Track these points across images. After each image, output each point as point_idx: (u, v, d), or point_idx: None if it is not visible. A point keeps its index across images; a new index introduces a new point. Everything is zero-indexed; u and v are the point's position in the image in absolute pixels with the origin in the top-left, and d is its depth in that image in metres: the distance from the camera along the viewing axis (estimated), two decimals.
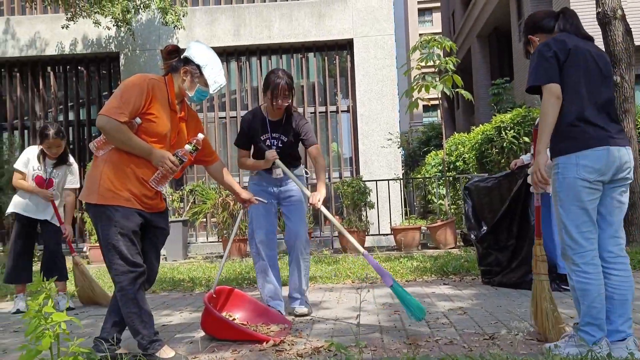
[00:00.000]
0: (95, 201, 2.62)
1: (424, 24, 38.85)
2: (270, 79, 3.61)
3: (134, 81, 2.67)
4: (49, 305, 1.75)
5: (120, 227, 2.60)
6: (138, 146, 2.63)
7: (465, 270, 5.44)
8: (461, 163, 9.99)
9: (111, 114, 2.56)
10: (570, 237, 2.51)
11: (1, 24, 10.41)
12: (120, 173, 2.64)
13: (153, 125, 2.67)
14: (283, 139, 3.73)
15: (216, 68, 2.83)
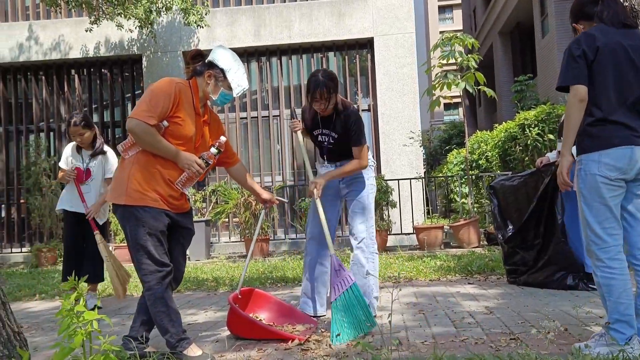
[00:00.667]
0: (124, 202, 2.66)
1: (444, 22, 38.54)
2: (309, 81, 3.52)
3: (162, 85, 2.72)
4: (80, 304, 1.78)
5: (148, 227, 2.64)
6: (165, 148, 2.67)
7: (490, 269, 5.38)
8: (484, 161, 9.88)
9: (140, 117, 2.61)
10: (594, 233, 2.52)
11: (26, 28, 10.62)
12: (148, 174, 2.68)
13: (179, 128, 2.72)
14: (333, 135, 3.64)
15: (239, 72, 2.87)
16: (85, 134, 4.51)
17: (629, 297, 2.45)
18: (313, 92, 3.44)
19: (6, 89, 11.03)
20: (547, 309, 3.60)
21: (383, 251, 7.79)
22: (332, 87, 3.45)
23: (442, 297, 4.24)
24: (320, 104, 3.48)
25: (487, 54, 20.19)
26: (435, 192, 11.52)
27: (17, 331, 1.96)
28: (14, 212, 10.73)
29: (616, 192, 2.49)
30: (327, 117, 3.63)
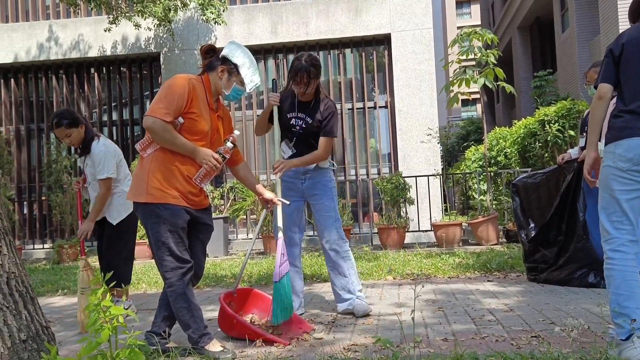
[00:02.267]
0: (144, 200, 2.69)
1: (462, 17, 38.20)
2: (293, 63, 3.56)
3: (176, 82, 2.74)
4: (107, 299, 1.81)
5: (169, 225, 2.67)
6: (182, 144, 2.69)
7: (509, 266, 5.34)
8: (503, 158, 9.80)
9: (157, 114, 2.63)
10: (602, 224, 2.57)
11: (46, 28, 10.77)
12: (167, 172, 2.71)
13: (195, 124, 2.74)
14: (308, 120, 3.66)
15: (252, 67, 2.89)
16: (71, 133, 3.86)
17: (629, 288, 2.43)
18: (294, 76, 3.52)
19: (27, 87, 11.20)
20: (568, 307, 3.57)
21: (401, 248, 7.78)
22: (313, 73, 3.51)
23: (461, 295, 4.22)
24: (300, 87, 3.54)
25: (506, 50, 19.97)
26: (453, 189, 11.46)
27: (45, 325, 2.00)
28: (35, 209, 10.90)
29: (629, 186, 2.47)
30: (306, 102, 3.67)
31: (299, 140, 3.69)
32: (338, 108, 10.29)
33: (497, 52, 7.50)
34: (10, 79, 11.11)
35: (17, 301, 1.92)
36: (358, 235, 9.22)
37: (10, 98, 11.12)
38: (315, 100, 3.66)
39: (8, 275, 1.93)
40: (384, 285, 4.89)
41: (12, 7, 11.30)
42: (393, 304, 4.02)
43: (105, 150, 3.94)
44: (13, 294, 1.91)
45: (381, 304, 4.05)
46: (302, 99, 3.66)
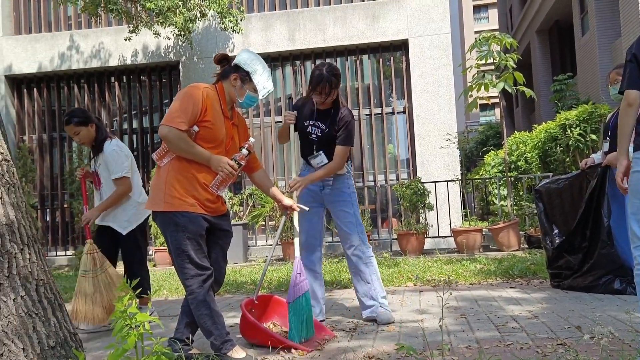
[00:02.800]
0: (163, 209, 2.71)
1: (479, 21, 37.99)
2: (314, 73, 3.58)
3: (190, 91, 2.76)
4: (133, 306, 1.82)
5: (188, 232, 2.69)
6: (198, 153, 2.72)
7: (532, 273, 5.27)
8: (523, 162, 9.69)
9: (172, 123, 2.65)
10: (633, 230, 2.55)
11: (68, 37, 10.97)
12: (184, 180, 2.72)
13: (210, 132, 2.76)
14: (324, 129, 3.69)
15: (265, 74, 2.91)
16: (80, 131, 3.88)
17: None
18: (315, 85, 3.54)
19: (50, 97, 11.41)
20: (594, 314, 3.51)
21: (421, 254, 7.73)
22: (334, 83, 3.55)
23: (484, 301, 4.18)
24: (321, 97, 3.57)
25: (524, 53, 19.80)
26: (472, 194, 11.36)
27: (73, 332, 2.02)
28: (58, 216, 11.07)
29: None
30: (324, 111, 3.69)
31: (316, 148, 3.72)
32: (355, 114, 10.36)
33: (516, 56, 7.44)
34: (33, 89, 11.33)
35: (45, 308, 1.95)
36: (377, 241, 9.19)
37: (34, 107, 11.33)
38: (334, 109, 3.68)
39: (37, 282, 1.96)
40: (404, 292, 4.86)
41: (35, 18, 11.54)
42: (415, 310, 4.00)
43: (118, 149, 3.93)
44: (42, 301, 1.94)
45: (403, 310, 4.02)
46: (321, 108, 3.68)
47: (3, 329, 1.85)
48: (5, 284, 1.89)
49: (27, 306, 1.90)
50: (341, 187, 3.75)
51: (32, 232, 2.04)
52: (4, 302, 1.87)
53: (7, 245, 1.93)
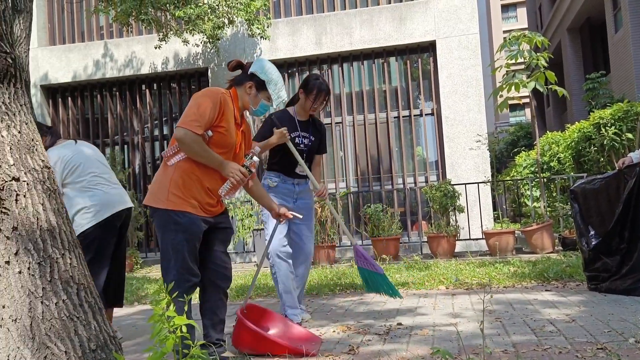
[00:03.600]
0: (164, 206, 2.68)
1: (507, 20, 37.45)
2: (314, 83, 3.75)
3: (207, 94, 2.76)
4: (171, 309, 1.85)
5: (187, 233, 2.67)
6: (212, 157, 2.71)
7: (567, 275, 5.16)
8: (556, 163, 9.50)
9: (189, 126, 2.65)
10: None
11: (101, 47, 11.23)
12: (189, 181, 2.71)
13: (223, 137, 2.76)
14: (311, 138, 3.88)
15: (279, 84, 2.94)
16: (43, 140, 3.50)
17: None
18: (318, 94, 3.75)
19: (84, 105, 11.69)
20: (635, 317, 3.41)
21: (452, 257, 7.64)
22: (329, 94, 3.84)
23: (519, 304, 4.10)
24: (319, 106, 3.81)
25: (555, 52, 19.43)
26: (503, 196, 11.18)
27: (112, 335, 2.07)
28: None
29: None
30: (304, 121, 3.89)
31: (306, 157, 3.84)
32: (383, 117, 10.32)
33: (547, 54, 7.31)
34: (67, 97, 11.63)
35: (86, 311, 1.99)
36: (407, 244, 9.12)
37: (68, 115, 11.63)
38: (311, 119, 3.93)
39: (78, 286, 2.01)
40: (437, 295, 4.81)
41: (68, 29, 11.85)
42: (448, 314, 3.95)
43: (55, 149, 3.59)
44: (83, 305, 1.99)
45: (436, 314, 3.98)
46: (301, 118, 3.87)
47: (46, 332, 1.89)
48: (48, 288, 1.94)
49: (69, 310, 1.95)
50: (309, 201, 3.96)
51: (72, 237, 2.09)
52: (47, 305, 1.92)
53: (49, 250, 1.98)
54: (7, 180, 1.96)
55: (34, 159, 2.07)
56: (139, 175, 11.23)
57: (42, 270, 1.95)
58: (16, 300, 1.91)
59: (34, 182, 2.02)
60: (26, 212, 1.97)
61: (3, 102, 2.05)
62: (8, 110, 2.05)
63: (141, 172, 11.27)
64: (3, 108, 2.04)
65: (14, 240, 1.94)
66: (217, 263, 2.85)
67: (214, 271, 2.84)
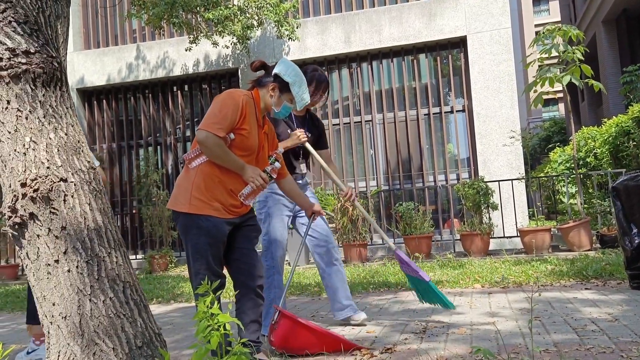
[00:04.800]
0: (187, 210, 2.67)
1: (539, 14, 36.69)
2: (312, 75, 3.66)
3: (229, 97, 2.73)
4: (215, 307, 1.88)
5: (210, 237, 2.65)
6: (233, 161, 2.69)
7: (608, 274, 5.03)
8: (592, 159, 9.28)
9: (210, 129, 2.62)
10: None
11: (134, 50, 11.45)
12: (212, 184, 2.69)
13: (245, 140, 2.74)
14: (307, 135, 3.71)
15: (303, 86, 2.90)
16: None
17: None
18: (320, 86, 3.66)
19: (118, 107, 11.95)
20: None
21: (485, 255, 7.54)
22: None
23: (558, 303, 4.02)
24: (321, 99, 3.70)
25: (590, 45, 18.96)
26: (538, 192, 10.97)
27: (157, 332, 2.11)
28: (127, 221, 11.56)
29: None
30: (301, 117, 3.79)
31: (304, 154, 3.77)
32: (413, 114, 10.25)
33: (583, 48, 7.14)
34: (102, 100, 11.90)
35: (132, 309, 2.04)
36: (439, 242, 9.05)
37: (103, 118, 11.91)
38: (308, 114, 3.83)
39: (124, 284, 2.06)
40: (472, 294, 4.76)
41: (102, 33, 12.12)
42: (485, 312, 3.90)
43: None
44: (129, 302, 2.03)
45: (472, 312, 3.93)
46: (297, 114, 3.78)
47: (95, 329, 1.95)
48: (96, 286, 1.99)
49: (116, 307, 2.00)
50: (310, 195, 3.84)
51: (117, 237, 2.14)
52: (95, 303, 1.97)
53: (96, 249, 2.04)
54: (56, 182, 2.02)
55: (80, 160, 2.12)
56: (172, 176, 11.42)
57: (90, 268, 2.00)
58: (65, 298, 1.97)
59: (80, 183, 2.08)
60: (74, 212, 2.03)
61: (50, 105, 2.11)
62: (55, 113, 2.12)
63: (174, 173, 11.44)
64: (50, 111, 2.10)
65: (63, 239, 2.00)
66: (245, 261, 2.81)
67: (242, 270, 2.81)
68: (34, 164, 2.02)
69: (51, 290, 1.99)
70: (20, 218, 2.02)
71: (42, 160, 2.03)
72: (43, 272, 2.01)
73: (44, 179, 2.01)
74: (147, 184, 10.04)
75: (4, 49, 2.04)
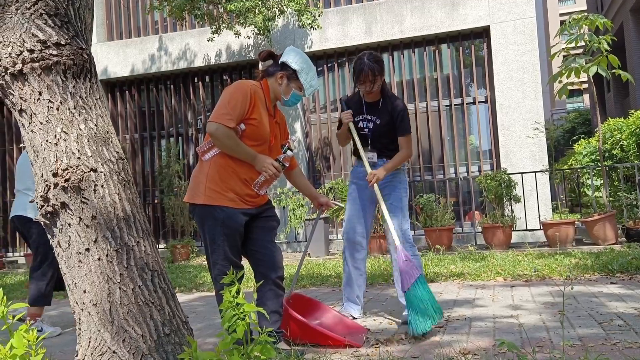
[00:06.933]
0: (202, 202, 2.70)
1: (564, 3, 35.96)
2: (355, 64, 3.59)
3: (238, 88, 2.76)
4: (240, 297, 1.90)
5: (226, 228, 2.67)
6: (244, 151, 2.70)
7: (634, 268, 4.95)
8: (618, 151, 9.10)
9: (221, 120, 2.65)
10: None
11: (156, 41, 11.54)
12: (226, 175, 2.72)
13: (256, 130, 2.75)
14: (377, 121, 3.64)
15: (311, 73, 2.91)
16: None
17: None
18: (359, 74, 3.54)
19: (140, 98, 12.07)
20: None
21: (507, 248, 7.47)
22: (377, 69, 3.53)
23: (583, 297, 3.98)
24: (366, 86, 3.56)
25: (617, 35, 18.54)
26: (562, 185, 10.81)
27: (185, 321, 2.14)
28: (150, 211, 11.71)
29: None
30: (373, 102, 3.67)
31: (371, 142, 3.68)
32: (435, 105, 10.17)
33: (611, 37, 6.99)
34: (125, 91, 12.04)
35: (160, 297, 2.07)
36: (460, 234, 8.99)
37: (126, 109, 12.04)
38: (382, 100, 3.67)
39: (152, 273, 2.09)
40: (494, 287, 4.73)
41: (125, 24, 12.23)
42: (508, 306, 3.88)
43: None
44: (157, 291, 2.07)
45: (495, 306, 3.91)
46: (369, 100, 3.68)
47: (124, 316, 1.98)
48: (125, 275, 2.03)
49: (144, 295, 2.03)
50: (393, 181, 3.70)
51: (146, 226, 2.18)
52: (124, 291, 2.01)
53: (125, 238, 2.07)
54: (86, 172, 2.06)
55: (109, 150, 2.16)
56: (193, 166, 11.51)
57: (120, 257, 2.04)
58: (96, 286, 2.01)
59: (110, 173, 2.11)
60: (104, 201, 2.07)
61: (80, 97, 2.14)
62: (85, 104, 2.15)
63: (195, 163, 11.52)
64: (80, 102, 2.14)
65: (93, 228, 2.04)
66: (263, 252, 2.83)
67: (260, 261, 2.83)
68: (65, 154, 2.06)
69: (82, 277, 2.04)
70: (52, 207, 2.06)
71: (73, 151, 2.07)
72: (74, 260, 2.05)
73: (75, 169, 2.05)
74: (169, 175, 10.15)
75: (36, 41, 2.08)
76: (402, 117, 3.62)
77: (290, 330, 3.06)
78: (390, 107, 3.64)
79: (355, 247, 3.73)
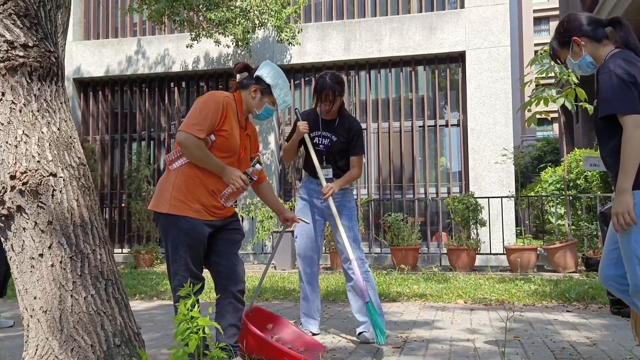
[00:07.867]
0: (167, 211, 2.67)
1: (539, 34, 36.97)
2: (318, 82, 3.66)
3: (210, 98, 2.75)
4: (195, 310, 1.88)
5: (189, 238, 2.65)
6: (213, 162, 2.69)
7: (590, 297, 5.07)
8: (582, 181, 9.35)
9: (190, 130, 2.64)
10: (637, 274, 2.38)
11: (134, 43, 11.43)
12: (192, 185, 2.70)
13: (226, 142, 2.75)
14: (333, 138, 3.70)
15: (285, 88, 2.93)
16: None
17: None
18: (320, 93, 3.63)
19: (114, 99, 11.91)
20: None
21: (471, 271, 7.58)
22: (337, 90, 3.63)
23: (538, 324, 4.06)
24: (325, 105, 3.65)
25: None
26: (527, 212, 11.04)
27: (136, 332, 2.11)
28: (116, 214, 11.50)
29: None
30: (330, 120, 3.75)
31: (325, 158, 3.73)
32: (408, 126, 10.31)
33: None
34: (98, 91, 11.86)
35: (113, 307, 2.04)
36: (426, 254, 9.08)
37: (98, 109, 11.86)
38: (340, 119, 3.75)
39: (106, 282, 2.06)
40: (454, 309, 4.78)
41: (103, 24, 12.09)
42: (465, 329, 3.93)
43: None
44: (110, 300, 2.04)
45: (453, 328, 3.96)
46: (326, 117, 3.74)
47: (74, 325, 1.95)
48: (78, 282, 1.99)
49: (97, 304, 2.00)
50: (342, 200, 3.73)
51: (103, 234, 2.15)
52: (76, 299, 1.98)
53: (81, 245, 2.04)
54: (45, 176, 2.03)
55: (71, 155, 2.13)
56: (163, 172, 11.36)
57: (74, 264, 2.00)
58: (47, 293, 1.97)
59: (70, 178, 2.08)
60: (61, 207, 2.03)
61: (45, 100, 2.12)
62: (49, 108, 2.12)
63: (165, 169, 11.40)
64: (45, 105, 2.11)
65: (49, 234, 2.00)
66: (226, 265, 2.80)
67: (222, 273, 2.80)
68: (25, 157, 2.03)
69: (33, 283, 1.99)
70: (7, 210, 2.02)
71: (33, 154, 2.03)
72: (27, 265, 2.01)
73: (34, 172, 2.01)
74: (138, 179, 10.01)
75: (2, 41, 2.05)
76: (359, 137, 3.74)
77: (247, 345, 3.02)
78: (348, 125, 3.73)
79: (307, 262, 3.76)
